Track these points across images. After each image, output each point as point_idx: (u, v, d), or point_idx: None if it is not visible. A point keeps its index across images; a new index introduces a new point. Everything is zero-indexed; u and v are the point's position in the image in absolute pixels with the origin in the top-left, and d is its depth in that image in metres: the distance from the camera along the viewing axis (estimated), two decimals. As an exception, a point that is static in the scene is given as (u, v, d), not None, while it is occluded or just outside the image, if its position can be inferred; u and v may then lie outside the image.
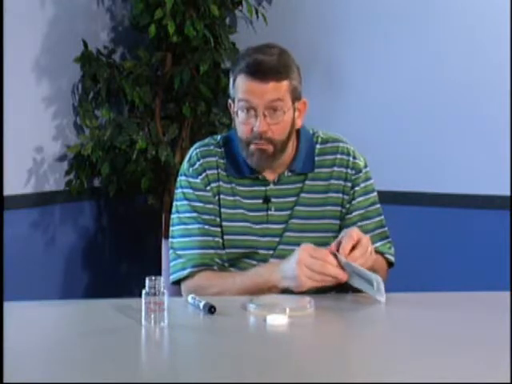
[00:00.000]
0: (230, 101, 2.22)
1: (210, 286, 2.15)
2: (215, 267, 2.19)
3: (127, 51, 4.06)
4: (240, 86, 2.14)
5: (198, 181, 2.24)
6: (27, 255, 3.60)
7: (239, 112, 2.15)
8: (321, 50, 3.88)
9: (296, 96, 2.17)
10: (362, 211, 2.25)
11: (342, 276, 1.97)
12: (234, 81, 2.16)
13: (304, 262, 1.98)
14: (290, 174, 2.24)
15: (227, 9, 3.89)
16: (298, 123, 2.22)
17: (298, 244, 2.17)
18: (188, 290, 2.16)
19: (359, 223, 2.23)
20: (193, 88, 3.78)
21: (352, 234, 2.02)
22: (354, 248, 2.00)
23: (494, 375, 1.49)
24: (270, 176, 2.24)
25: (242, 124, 2.16)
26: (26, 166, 3.61)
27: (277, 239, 2.21)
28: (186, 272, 2.19)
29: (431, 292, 2.15)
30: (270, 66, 2.12)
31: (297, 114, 2.20)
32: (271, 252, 2.21)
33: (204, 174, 2.24)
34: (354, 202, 2.24)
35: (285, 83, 2.13)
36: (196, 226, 2.21)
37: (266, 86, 2.11)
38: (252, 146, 2.16)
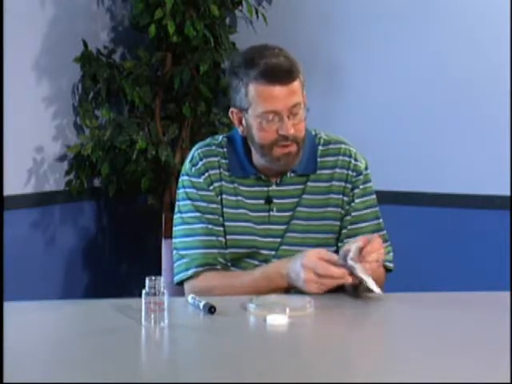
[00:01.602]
0: (233, 109, 2.20)
1: (215, 287, 2.14)
2: (218, 267, 2.19)
3: (127, 51, 4.06)
4: (258, 95, 2.11)
5: (200, 180, 2.24)
6: (27, 255, 3.60)
7: (261, 120, 2.12)
8: (321, 50, 3.87)
9: (303, 91, 2.18)
10: (358, 213, 2.24)
11: (348, 276, 1.98)
12: (247, 90, 2.13)
13: (309, 267, 1.99)
14: (292, 174, 2.24)
15: (227, 9, 3.89)
16: None
17: (300, 245, 2.19)
18: (192, 290, 2.13)
19: (355, 225, 2.23)
20: (193, 88, 3.78)
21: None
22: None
23: (494, 375, 1.49)
24: (272, 176, 2.24)
25: (264, 130, 2.13)
26: (26, 166, 3.61)
27: (278, 240, 2.21)
28: (190, 272, 2.18)
29: (431, 292, 2.15)
30: (284, 67, 2.11)
31: (305, 111, 2.20)
32: (273, 252, 2.21)
33: (206, 174, 2.24)
34: (352, 204, 2.24)
35: (298, 81, 2.13)
36: (199, 225, 2.21)
37: (285, 88, 2.10)
38: (277, 150, 2.14)
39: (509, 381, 1.44)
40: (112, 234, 4.07)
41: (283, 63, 2.11)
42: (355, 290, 2.08)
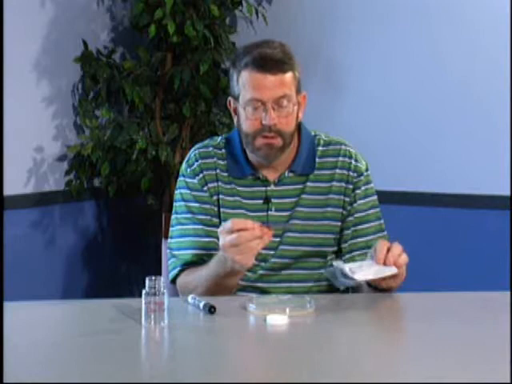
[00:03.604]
0: (230, 98, 2.22)
1: (188, 282, 2.17)
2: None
3: (127, 51, 4.06)
4: (247, 81, 2.14)
5: (195, 181, 2.24)
6: (27, 255, 3.60)
7: (247, 107, 2.14)
8: (321, 50, 3.88)
9: (298, 88, 2.18)
10: (361, 214, 2.25)
11: (266, 232, 1.97)
12: (238, 77, 2.15)
13: (227, 244, 1.97)
14: (290, 174, 2.24)
15: (227, 9, 3.89)
16: (300, 117, 2.23)
17: (299, 244, 2.20)
18: (178, 288, 2.21)
19: (359, 226, 2.24)
20: (193, 88, 3.78)
21: (384, 243, 2.03)
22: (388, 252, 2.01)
23: (494, 375, 1.49)
24: (270, 176, 2.24)
25: (249, 119, 2.14)
26: (26, 166, 3.62)
27: (277, 239, 2.21)
28: (176, 271, 2.22)
29: (431, 292, 2.15)
30: (276, 58, 2.12)
31: (296, 107, 2.20)
32: (272, 252, 2.21)
33: (201, 175, 2.24)
34: (354, 205, 2.24)
35: (290, 74, 2.14)
36: (191, 226, 2.22)
37: (273, 78, 2.12)
38: (259, 140, 2.15)
39: (509, 381, 1.44)
40: (112, 233, 4.07)
41: (276, 54, 2.13)
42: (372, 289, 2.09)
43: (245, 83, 2.14)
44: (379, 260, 1.99)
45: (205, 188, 2.24)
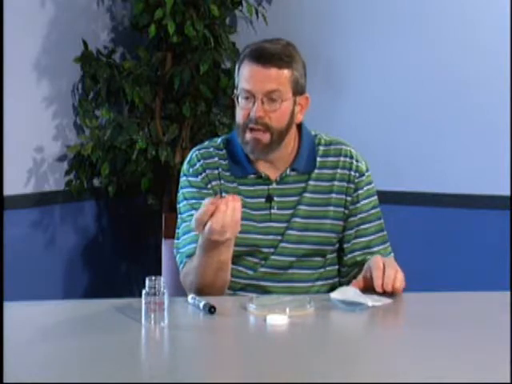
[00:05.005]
0: (235, 90, 2.24)
1: (188, 271, 2.17)
2: None
3: (127, 51, 4.06)
4: (243, 72, 2.17)
5: (198, 180, 2.25)
6: (27, 255, 3.60)
7: (239, 98, 2.17)
8: (321, 50, 3.87)
9: (298, 89, 2.18)
10: (364, 214, 2.26)
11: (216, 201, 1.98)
12: (239, 68, 2.19)
13: (209, 237, 2.00)
14: (292, 173, 2.25)
15: (227, 9, 3.89)
16: (299, 118, 2.23)
17: (299, 242, 2.21)
18: (181, 280, 2.22)
19: (361, 226, 2.26)
20: (193, 88, 3.78)
21: (378, 263, 2.03)
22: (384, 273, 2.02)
23: (494, 375, 1.49)
24: (272, 175, 2.25)
25: (241, 109, 2.18)
26: (26, 166, 3.61)
27: (279, 237, 2.22)
28: (182, 264, 2.23)
29: (431, 292, 2.15)
30: (272, 52, 2.15)
31: (298, 108, 2.20)
32: (272, 250, 2.21)
33: (204, 174, 2.25)
34: (357, 205, 2.26)
35: (286, 72, 2.15)
36: None
37: (267, 71, 2.13)
38: (248, 134, 2.17)
39: (509, 381, 1.44)
40: (112, 233, 4.07)
41: (275, 49, 2.16)
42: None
43: (240, 73, 2.18)
44: (378, 288, 1.99)
45: (208, 186, 2.24)
